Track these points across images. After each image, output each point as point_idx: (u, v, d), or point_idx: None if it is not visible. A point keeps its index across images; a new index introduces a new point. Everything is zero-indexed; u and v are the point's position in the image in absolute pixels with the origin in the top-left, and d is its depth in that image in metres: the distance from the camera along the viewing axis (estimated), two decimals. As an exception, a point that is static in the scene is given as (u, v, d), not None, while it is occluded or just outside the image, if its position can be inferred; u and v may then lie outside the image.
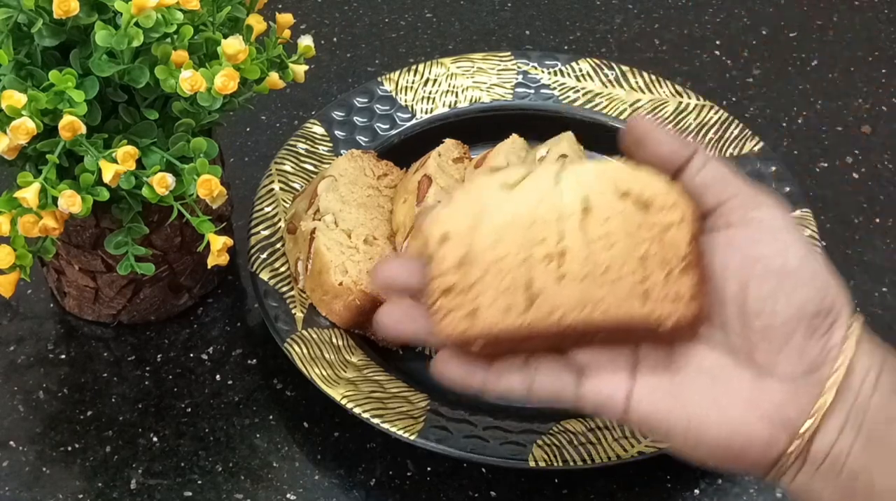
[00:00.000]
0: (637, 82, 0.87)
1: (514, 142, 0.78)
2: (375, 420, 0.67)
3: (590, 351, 0.51)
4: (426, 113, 0.86)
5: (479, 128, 0.84)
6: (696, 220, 0.49)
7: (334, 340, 0.72)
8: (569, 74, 0.87)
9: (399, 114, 0.85)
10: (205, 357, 0.76)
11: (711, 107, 0.85)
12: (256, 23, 0.69)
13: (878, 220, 0.85)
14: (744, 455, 0.49)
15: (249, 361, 0.75)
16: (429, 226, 0.49)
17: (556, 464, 0.66)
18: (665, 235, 0.49)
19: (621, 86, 0.87)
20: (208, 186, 0.63)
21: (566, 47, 0.97)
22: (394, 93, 0.86)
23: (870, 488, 0.48)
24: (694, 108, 0.85)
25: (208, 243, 0.66)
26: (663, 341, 0.50)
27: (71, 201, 0.61)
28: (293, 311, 0.73)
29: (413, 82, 0.87)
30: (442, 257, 0.49)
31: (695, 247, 0.49)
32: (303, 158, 0.82)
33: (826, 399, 0.48)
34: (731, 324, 0.50)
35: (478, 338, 0.49)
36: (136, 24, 0.60)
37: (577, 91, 0.87)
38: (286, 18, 0.72)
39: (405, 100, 0.86)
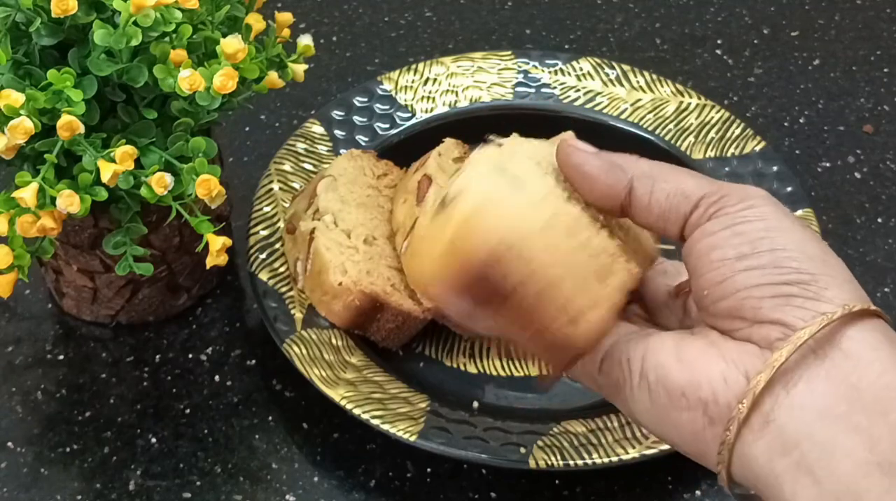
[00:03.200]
0: (638, 81, 0.86)
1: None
2: (375, 422, 0.67)
3: None
4: (426, 112, 0.85)
5: (479, 128, 0.84)
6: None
7: (334, 341, 0.72)
8: (569, 73, 0.87)
9: (399, 113, 0.85)
10: (203, 357, 0.75)
11: (713, 107, 0.85)
12: (255, 22, 0.69)
13: (880, 220, 0.85)
14: (692, 391, 0.43)
15: (248, 362, 0.75)
16: None
17: (556, 466, 0.66)
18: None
19: (622, 85, 0.86)
20: (207, 186, 0.63)
21: (567, 46, 0.97)
22: (393, 93, 0.86)
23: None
24: (695, 108, 0.85)
25: (207, 243, 0.65)
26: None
27: (69, 201, 0.61)
28: (292, 312, 0.72)
29: (413, 81, 0.86)
30: None
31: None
32: (302, 158, 0.81)
33: (786, 351, 0.41)
34: (707, 321, 0.45)
35: None
36: (135, 23, 0.60)
37: (578, 90, 0.86)
38: (285, 17, 0.71)
39: (405, 100, 0.86)
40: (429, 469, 0.70)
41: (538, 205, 0.45)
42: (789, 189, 0.80)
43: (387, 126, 0.84)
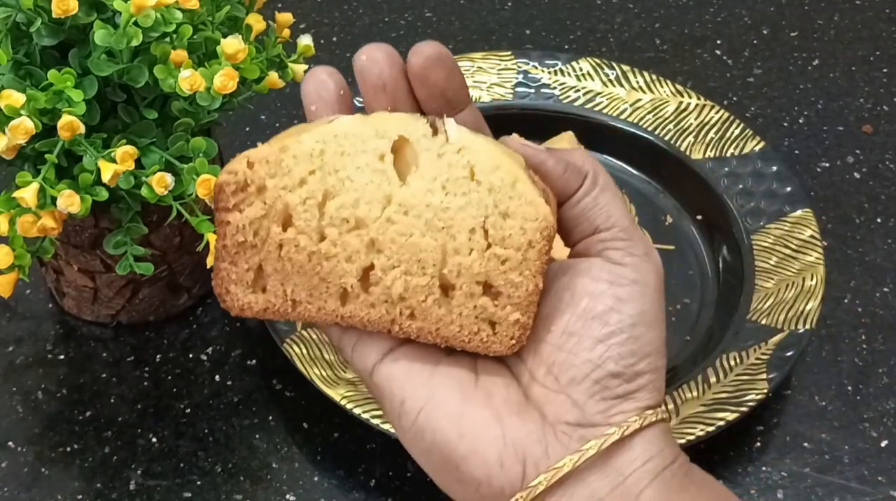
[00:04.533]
0: (638, 82, 0.86)
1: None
2: (375, 421, 0.67)
3: None
4: (426, 112, 0.85)
5: (480, 128, 0.84)
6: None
7: (334, 340, 0.72)
8: (569, 74, 0.87)
9: (399, 113, 0.85)
10: (204, 357, 0.75)
11: (712, 107, 0.85)
12: (256, 22, 0.69)
13: (879, 220, 0.85)
14: (467, 467, 0.44)
15: (249, 361, 0.75)
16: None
17: (556, 465, 0.66)
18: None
19: (622, 85, 0.86)
20: (207, 186, 0.63)
21: (566, 46, 0.97)
22: (394, 93, 0.86)
23: None
24: (695, 108, 0.85)
25: (207, 243, 0.65)
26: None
27: (70, 201, 0.61)
28: (293, 311, 0.72)
29: (413, 82, 0.86)
30: None
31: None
32: (302, 158, 0.81)
33: (580, 456, 0.43)
34: (528, 348, 0.45)
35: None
36: (135, 24, 0.60)
37: (578, 90, 0.86)
38: (285, 18, 0.71)
39: (405, 100, 0.85)
40: (429, 469, 0.70)
41: None
42: (788, 189, 0.80)
43: (387, 126, 0.84)
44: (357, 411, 0.67)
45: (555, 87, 0.87)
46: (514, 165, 0.43)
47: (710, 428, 0.67)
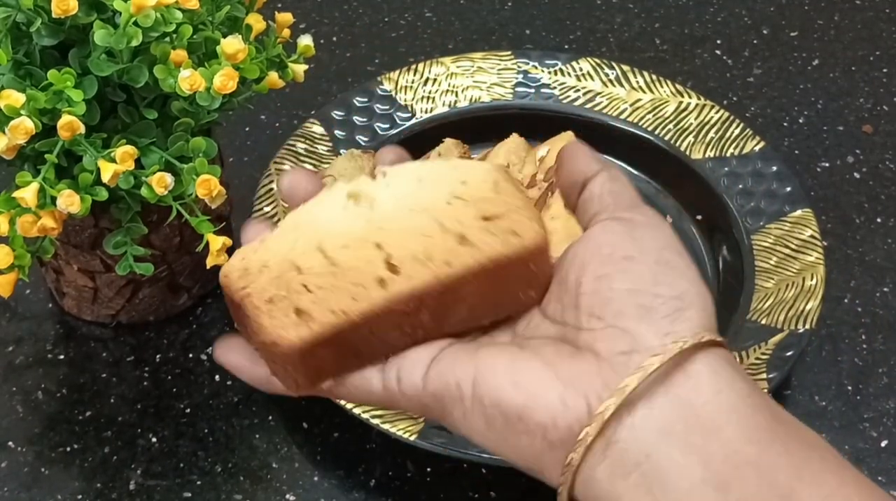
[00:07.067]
0: (637, 82, 0.86)
1: (515, 141, 0.78)
2: (375, 421, 0.67)
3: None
4: (426, 112, 0.85)
5: (479, 128, 0.84)
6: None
7: (334, 340, 0.72)
8: (569, 74, 0.87)
9: (399, 113, 0.85)
10: (204, 357, 0.75)
11: (712, 107, 0.85)
12: (255, 22, 0.69)
13: (879, 220, 0.85)
14: (529, 416, 0.42)
15: (249, 361, 0.75)
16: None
17: (556, 465, 0.66)
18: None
19: (622, 85, 0.86)
20: (207, 186, 0.63)
21: (566, 46, 0.97)
22: (393, 93, 0.86)
23: None
24: (695, 108, 0.85)
25: (207, 243, 0.65)
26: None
27: (70, 201, 0.61)
28: (293, 311, 0.72)
29: (413, 82, 0.86)
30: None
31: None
32: (302, 158, 0.81)
33: (643, 373, 0.41)
34: (561, 317, 0.45)
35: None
36: (135, 24, 0.60)
37: (578, 90, 0.86)
38: (285, 17, 0.71)
39: (405, 100, 0.86)
40: (429, 469, 0.70)
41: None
42: (788, 189, 0.80)
43: (387, 126, 0.85)
44: (357, 411, 0.67)
45: (555, 87, 0.87)
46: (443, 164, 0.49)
47: (710, 428, 0.67)
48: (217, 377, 0.74)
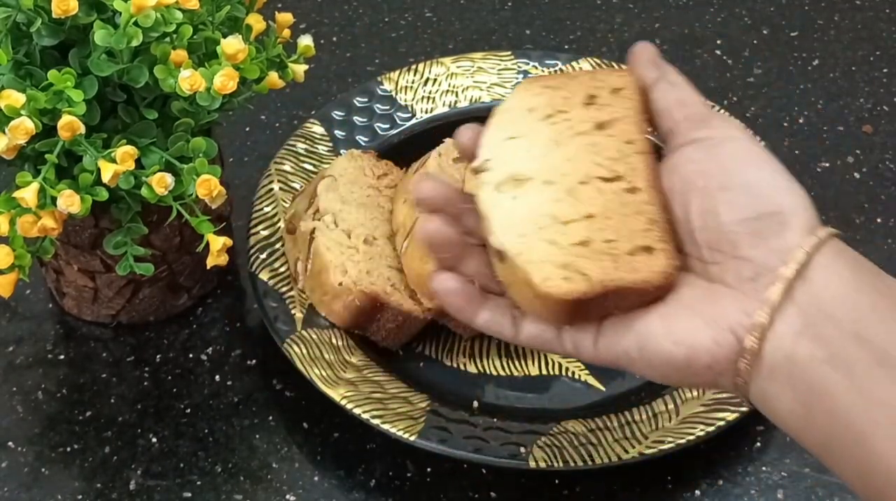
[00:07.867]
0: (638, 82, 0.86)
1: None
2: (375, 421, 0.67)
3: None
4: (426, 112, 0.85)
5: (480, 128, 0.84)
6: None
7: (334, 341, 0.72)
8: (569, 74, 0.87)
9: (399, 113, 0.85)
10: (204, 357, 0.75)
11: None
12: (256, 22, 0.69)
13: (879, 220, 0.85)
14: (694, 362, 0.48)
15: (249, 362, 0.75)
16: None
17: (556, 465, 0.66)
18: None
19: (622, 85, 0.86)
20: (207, 186, 0.63)
21: (567, 47, 0.97)
22: (393, 93, 0.86)
23: (831, 412, 0.46)
24: (695, 108, 0.85)
25: (207, 243, 0.65)
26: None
27: (70, 201, 0.61)
28: (293, 312, 0.73)
29: (413, 82, 0.86)
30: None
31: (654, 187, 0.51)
32: (302, 158, 0.81)
33: (772, 293, 0.46)
34: (686, 247, 0.50)
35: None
36: (136, 24, 0.60)
37: (578, 90, 0.86)
38: (286, 18, 0.71)
39: (405, 100, 0.86)
40: (429, 469, 0.70)
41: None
42: (789, 189, 0.80)
43: (387, 126, 0.85)
44: (357, 411, 0.67)
45: (555, 87, 0.86)
46: None
47: (710, 428, 0.67)
48: (217, 377, 0.74)
